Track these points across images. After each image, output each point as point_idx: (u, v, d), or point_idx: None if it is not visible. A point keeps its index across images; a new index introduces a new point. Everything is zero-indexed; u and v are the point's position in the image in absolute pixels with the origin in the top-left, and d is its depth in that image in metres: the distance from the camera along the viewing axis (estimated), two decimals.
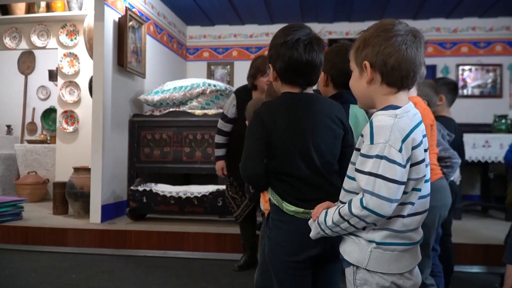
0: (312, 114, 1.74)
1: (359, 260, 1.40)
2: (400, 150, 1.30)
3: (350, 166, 1.45)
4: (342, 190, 1.51)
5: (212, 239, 4.21)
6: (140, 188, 4.70)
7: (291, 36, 1.73)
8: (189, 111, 5.27)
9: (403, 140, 1.31)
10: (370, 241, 1.38)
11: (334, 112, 1.79)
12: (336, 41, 6.97)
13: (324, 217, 1.46)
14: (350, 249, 1.43)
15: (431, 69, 6.63)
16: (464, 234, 4.21)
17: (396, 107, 1.37)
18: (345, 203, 1.40)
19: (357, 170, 1.36)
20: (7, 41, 6.18)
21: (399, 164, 1.29)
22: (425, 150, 1.41)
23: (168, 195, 4.61)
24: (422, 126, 1.41)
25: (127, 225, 4.57)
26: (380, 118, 1.35)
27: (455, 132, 3.11)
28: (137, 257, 4.15)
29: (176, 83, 5.44)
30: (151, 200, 4.66)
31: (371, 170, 1.30)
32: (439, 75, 6.72)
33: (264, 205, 2.27)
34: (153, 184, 4.87)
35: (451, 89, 3.25)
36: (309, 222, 1.56)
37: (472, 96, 6.83)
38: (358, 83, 1.47)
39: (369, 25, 1.45)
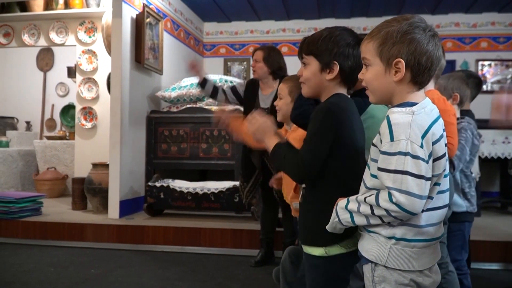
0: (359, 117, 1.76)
1: (377, 257, 1.37)
2: (422, 146, 1.28)
3: (372, 163, 1.41)
4: (363, 186, 1.47)
5: (229, 235, 4.22)
6: (158, 184, 4.72)
7: (357, 38, 1.72)
8: (206, 107, 5.28)
9: (423, 136, 1.29)
10: (389, 238, 1.35)
11: None
12: None
13: (345, 204, 1.43)
14: (368, 246, 1.41)
15: (450, 64, 6.55)
16: (483, 231, 4.15)
17: (413, 104, 1.35)
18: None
19: (381, 169, 1.32)
20: (26, 37, 6.25)
21: (423, 160, 1.28)
22: (445, 145, 1.39)
23: (185, 191, 4.63)
24: (441, 120, 1.39)
25: (144, 220, 4.60)
26: (397, 116, 1.32)
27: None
28: (154, 253, 4.18)
29: (193, 79, 5.44)
30: (168, 196, 4.68)
31: (397, 168, 1.27)
32: None
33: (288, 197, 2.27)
34: (170, 180, 4.89)
35: (476, 84, 3.20)
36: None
37: (491, 92, 6.72)
38: (382, 79, 1.40)
39: (388, 18, 1.42)
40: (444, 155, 1.36)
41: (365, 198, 1.37)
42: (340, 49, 1.69)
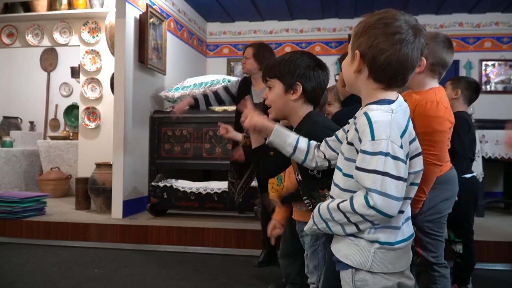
0: None
1: (361, 262, 1.32)
2: (401, 146, 1.26)
3: (345, 163, 1.39)
4: (335, 187, 1.43)
5: (232, 235, 4.23)
6: (161, 184, 4.73)
7: (316, 61, 1.94)
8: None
9: (401, 136, 1.28)
10: (372, 241, 1.31)
11: None
12: None
13: (318, 210, 1.40)
14: (348, 252, 1.35)
15: (454, 64, 6.54)
16: (487, 231, 4.15)
17: (390, 101, 1.34)
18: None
19: (360, 169, 1.28)
20: (30, 38, 6.26)
21: (402, 161, 1.25)
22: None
23: (189, 191, 4.63)
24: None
25: (148, 220, 4.61)
26: (377, 113, 1.29)
27: (471, 128, 3.09)
28: (158, 252, 4.18)
29: (196, 79, 5.46)
30: (171, 196, 4.69)
31: (377, 168, 1.23)
32: (461, 70, 6.63)
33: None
34: (173, 180, 4.90)
35: (471, 87, 3.19)
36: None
37: (495, 92, 6.72)
38: (348, 68, 1.43)
39: (376, 11, 1.42)
40: (420, 153, 1.37)
41: (338, 205, 1.33)
42: (301, 71, 1.85)
